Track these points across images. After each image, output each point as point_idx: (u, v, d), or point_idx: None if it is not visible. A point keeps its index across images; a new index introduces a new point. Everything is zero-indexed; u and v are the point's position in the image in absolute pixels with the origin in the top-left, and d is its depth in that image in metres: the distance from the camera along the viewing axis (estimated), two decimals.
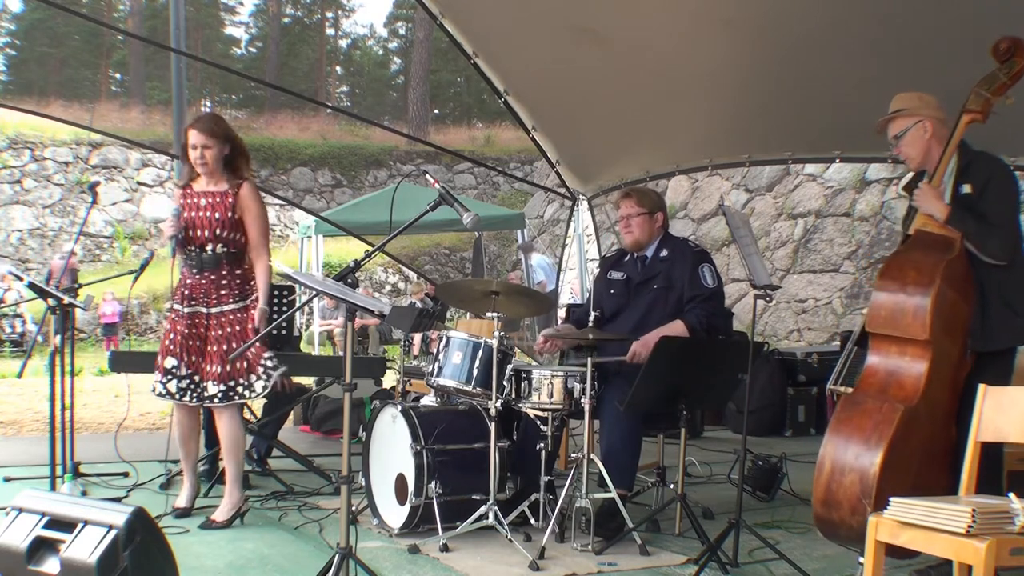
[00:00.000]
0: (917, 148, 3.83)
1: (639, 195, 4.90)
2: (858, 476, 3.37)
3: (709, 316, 4.64)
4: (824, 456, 3.51)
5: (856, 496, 3.36)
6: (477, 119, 34.21)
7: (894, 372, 3.56)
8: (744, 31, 5.82)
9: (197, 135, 4.50)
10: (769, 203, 15.04)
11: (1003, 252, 3.62)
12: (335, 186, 24.09)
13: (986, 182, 3.67)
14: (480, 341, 4.42)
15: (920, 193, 3.75)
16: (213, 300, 4.48)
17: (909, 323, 3.52)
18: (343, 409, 3.41)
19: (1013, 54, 3.71)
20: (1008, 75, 3.70)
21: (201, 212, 4.51)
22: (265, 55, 37.33)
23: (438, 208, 3.98)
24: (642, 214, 4.82)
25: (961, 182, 3.71)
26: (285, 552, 4.08)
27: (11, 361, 13.94)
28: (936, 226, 3.69)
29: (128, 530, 2.71)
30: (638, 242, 4.85)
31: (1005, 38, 3.74)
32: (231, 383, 4.44)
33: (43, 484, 4.81)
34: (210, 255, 4.50)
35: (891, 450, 3.34)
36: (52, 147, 21.02)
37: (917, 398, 3.45)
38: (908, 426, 3.40)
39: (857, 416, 3.49)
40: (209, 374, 4.44)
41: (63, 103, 26.77)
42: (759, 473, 5.43)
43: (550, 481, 4.36)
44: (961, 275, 3.62)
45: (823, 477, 3.49)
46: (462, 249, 21.88)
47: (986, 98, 3.69)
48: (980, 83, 3.72)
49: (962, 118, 3.70)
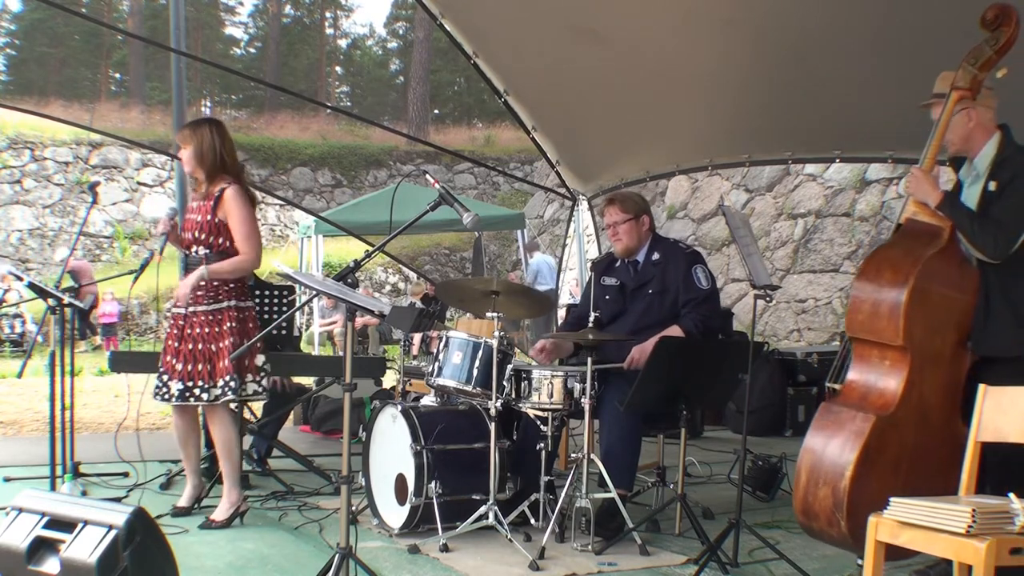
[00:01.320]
0: (958, 134, 3.60)
1: (622, 201, 4.89)
2: (830, 489, 3.31)
3: (705, 319, 4.65)
4: (800, 466, 3.46)
5: (830, 508, 3.31)
6: (477, 119, 34.19)
7: (875, 379, 3.47)
8: (744, 31, 5.82)
9: (182, 139, 4.59)
10: (769, 203, 15.03)
11: (995, 248, 3.44)
12: (335, 186, 24.08)
13: (1012, 179, 3.47)
14: (480, 341, 4.42)
15: (912, 178, 3.58)
16: (200, 299, 4.49)
17: (884, 327, 3.40)
18: (343, 409, 3.41)
19: (1000, 23, 3.49)
20: (995, 48, 3.48)
21: (190, 215, 4.57)
22: (265, 55, 37.32)
23: (438, 208, 3.98)
24: (628, 220, 4.81)
25: (992, 178, 3.52)
26: (285, 552, 4.08)
27: (11, 361, 13.93)
28: (927, 213, 3.55)
29: (128, 530, 2.71)
30: (628, 248, 4.86)
31: (993, 6, 3.51)
32: (190, 383, 4.41)
33: (43, 484, 4.81)
34: (194, 257, 4.54)
35: (863, 463, 3.27)
36: (52, 147, 21.01)
37: (895, 405, 3.36)
38: (884, 435, 3.31)
39: (832, 425, 3.42)
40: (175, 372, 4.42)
41: (63, 103, 26.75)
42: (759, 473, 5.43)
43: (550, 481, 4.36)
44: (954, 265, 3.48)
45: (800, 489, 3.45)
46: (462, 249, 21.87)
47: (974, 74, 3.50)
48: (967, 57, 3.52)
49: (951, 95, 3.52)
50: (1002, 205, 3.46)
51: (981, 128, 3.58)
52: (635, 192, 5.30)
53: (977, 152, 3.60)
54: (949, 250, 3.49)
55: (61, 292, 4.81)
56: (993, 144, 3.58)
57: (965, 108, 3.56)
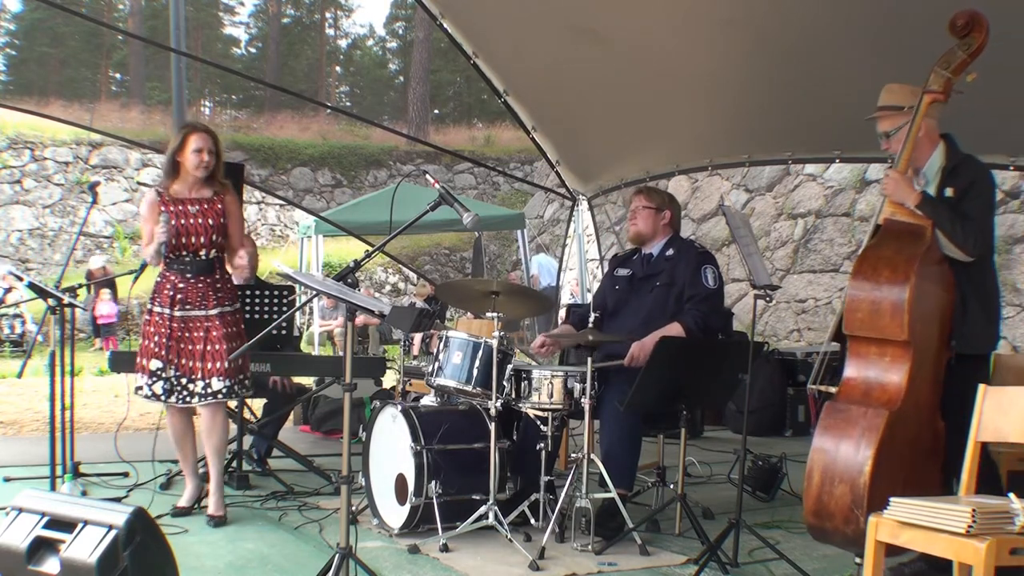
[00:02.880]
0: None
1: (649, 191, 5.03)
2: (848, 487, 3.33)
3: (705, 316, 4.66)
4: (812, 467, 3.47)
5: (848, 506, 3.32)
6: (477, 119, 34.18)
7: (876, 375, 3.50)
8: (744, 31, 5.82)
9: (205, 139, 4.54)
10: (769, 203, 15.03)
11: (974, 244, 3.55)
12: (335, 186, 24.08)
13: (969, 185, 3.62)
14: (480, 341, 4.42)
15: (888, 180, 3.65)
16: (212, 303, 4.54)
17: (887, 324, 3.44)
18: (343, 409, 3.41)
19: (971, 29, 3.58)
20: (967, 52, 3.58)
21: (193, 219, 4.54)
22: (265, 55, 37.32)
23: (438, 208, 3.98)
24: (648, 208, 4.90)
25: (945, 185, 3.64)
26: (285, 552, 4.08)
27: (11, 361, 13.93)
28: (905, 213, 3.61)
29: (128, 530, 2.71)
30: (639, 234, 4.91)
31: (962, 12, 3.60)
32: (236, 379, 4.55)
33: (43, 484, 4.81)
34: (204, 260, 4.56)
35: (879, 457, 3.30)
36: (52, 147, 21.01)
37: (901, 400, 3.40)
38: (894, 429, 3.35)
39: (842, 424, 3.44)
40: (212, 371, 4.49)
41: (63, 103, 26.75)
42: (759, 473, 5.43)
43: (550, 481, 4.36)
44: (936, 262, 3.55)
45: (813, 489, 3.45)
46: (462, 249, 21.86)
47: (947, 77, 3.58)
48: (940, 61, 3.61)
49: (923, 99, 3.60)
50: (970, 206, 3.58)
51: (927, 139, 3.70)
52: (665, 191, 5.37)
53: (924, 161, 3.72)
54: (932, 248, 3.57)
55: (61, 292, 4.81)
56: (940, 153, 3.71)
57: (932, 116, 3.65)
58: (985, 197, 3.66)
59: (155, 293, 4.57)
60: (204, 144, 4.52)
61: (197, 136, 4.54)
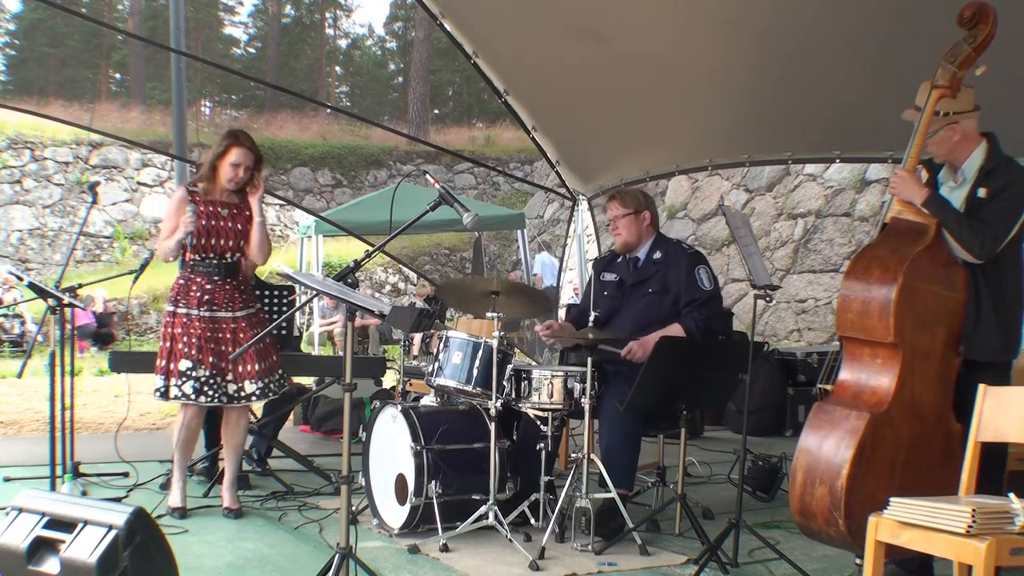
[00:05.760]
0: (944, 148, 3.65)
1: (622, 196, 4.91)
2: (827, 488, 3.32)
3: (707, 320, 4.64)
4: (796, 467, 3.46)
5: (828, 507, 3.31)
6: (477, 119, 34.19)
7: (868, 377, 3.47)
8: (744, 31, 5.82)
9: (247, 156, 4.59)
10: (769, 203, 15.03)
11: (980, 246, 3.46)
12: (335, 186, 24.09)
13: (1003, 188, 3.51)
14: (480, 341, 4.42)
15: (897, 179, 3.62)
16: (239, 304, 4.64)
17: (875, 325, 3.41)
18: (343, 409, 3.41)
19: (977, 21, 3.53)
20: (973, 45, 3.52)
21: (223, 222, 4.60)
22: (265, 55, 37.31)
23: (438, 208, 3.98)
24: (627, 215, 4.82)
25: (980, 185, 3.56)
26: (285, 552, 4.08)
27: (11, 361, 13.92)
28: (912, 211, 3.58)
29: (128, 530, 2.71)
30: (627, 243, 4.86)
31: (969, 4, 3.55)
32: (267, 379, 4.64)
33: (43, 484, 4.81)
34: (230, 263, 4.64)
35: (858, 461, 3.27)
36: (52, 147, 21.01)
37: (888, 403, 3.36)
38: (879, 433, 3.32)
39: (826, 425, 3.42)
40: (246, 373, 4.58)
41: (63, 103, 26.75)
42: (759, 473, 5.43)
43: (550, 481, 4.36)
44: (940, 262, 3.49)
45: (796, 488, 3.45)
46: (462, 249, 21.86)
47: (953, 72, 3.53)
48: (947, 55, 3.56)
49: (932, 94, 3.55)
50: (993, 208, 3.51)
51: (967, 139, 3.63)
52: (637, 189, 5.30)
53: (963, 159, 3.65)
54: (935, 247, 3.51)
55: (61, 292, 4.81)
56: (981, 152, 3.63)
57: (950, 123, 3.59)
58: (1014, 201, 3.50)
59: (179, 295, 4.58)
60: (243, 160, 4.57)
61: (239, 151, 4.57)
